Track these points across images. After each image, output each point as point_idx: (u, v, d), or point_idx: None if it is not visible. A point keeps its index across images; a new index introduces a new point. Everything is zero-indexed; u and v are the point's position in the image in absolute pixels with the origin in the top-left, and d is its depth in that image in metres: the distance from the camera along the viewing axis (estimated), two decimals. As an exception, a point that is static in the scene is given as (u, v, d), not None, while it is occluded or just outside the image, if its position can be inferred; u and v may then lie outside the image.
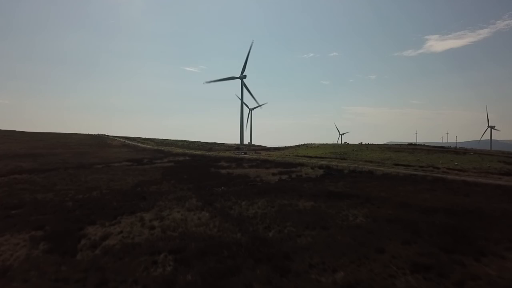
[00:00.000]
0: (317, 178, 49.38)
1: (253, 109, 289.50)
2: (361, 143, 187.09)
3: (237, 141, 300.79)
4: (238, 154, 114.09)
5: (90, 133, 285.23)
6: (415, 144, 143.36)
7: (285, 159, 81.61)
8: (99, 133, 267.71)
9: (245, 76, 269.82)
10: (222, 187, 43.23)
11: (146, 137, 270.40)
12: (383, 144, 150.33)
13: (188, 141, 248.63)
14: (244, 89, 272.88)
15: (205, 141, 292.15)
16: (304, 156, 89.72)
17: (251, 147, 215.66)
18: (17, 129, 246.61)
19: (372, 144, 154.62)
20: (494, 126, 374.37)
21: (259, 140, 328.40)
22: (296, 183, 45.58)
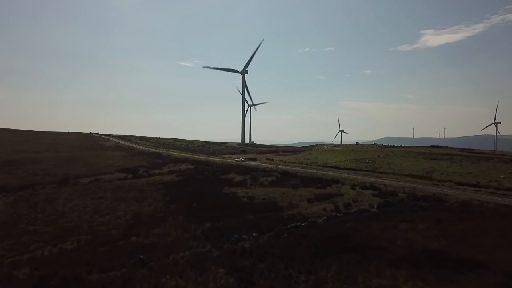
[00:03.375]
0: (379, 213, 36.22)
1: (252, 105, 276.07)
2: (375, 143, 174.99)
3: (237, 138, 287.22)
4: (242, 160, 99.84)
5: (82, 131, 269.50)
6: (438, 147, 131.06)
7: (309, 171, 68.47)
8: (92, 132, 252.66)
9: (246, 71, 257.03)
10: (254, 234, 30.05)
11: (142, 135, 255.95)
12: (405, 146, 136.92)
13: (187, 140, 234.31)
14: (242, 85, 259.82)
15: (203, 139, 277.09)
16: (330, 167, 76.54)
17: (255, 147, 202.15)
18: (6, 127, 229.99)
19: (392, 146, 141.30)
20: (500, 123, 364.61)
21: (257, 137, 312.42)
22: (356, 223, 32.48)
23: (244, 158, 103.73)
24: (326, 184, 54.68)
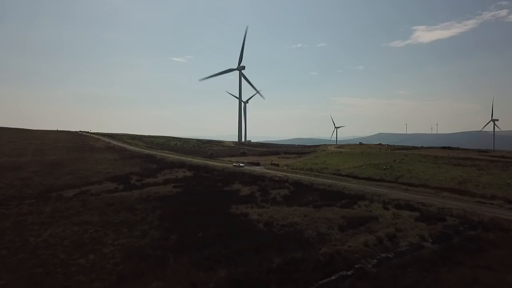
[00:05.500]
0: (440, 252, 28.43)
1: (247, 101, 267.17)
2: (380, 143, 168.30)
3: (232, 134, 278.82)
4: (241, 165, 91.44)
5: (74, 128, 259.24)
6: (449, 148, 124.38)
7: (325, 182, 60.59)
8: (81, 130, 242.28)
9: (243, 67, 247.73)
10: (289, 293, 22.06)
11: (134, 133, 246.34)
12: (413, 147, 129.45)
13: (181, 139, 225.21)
14: (243, 80, 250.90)
15: (198, 136, 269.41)
16: (345, 175, 68.77)
17: (253, 147, 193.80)
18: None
19: (401, 147, 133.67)
20: (498, 120, 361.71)
21: (251, 133, 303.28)
22: (419, 271, 24.72)
23: (242, 163, 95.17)
24: (351, 201, 46.92)
